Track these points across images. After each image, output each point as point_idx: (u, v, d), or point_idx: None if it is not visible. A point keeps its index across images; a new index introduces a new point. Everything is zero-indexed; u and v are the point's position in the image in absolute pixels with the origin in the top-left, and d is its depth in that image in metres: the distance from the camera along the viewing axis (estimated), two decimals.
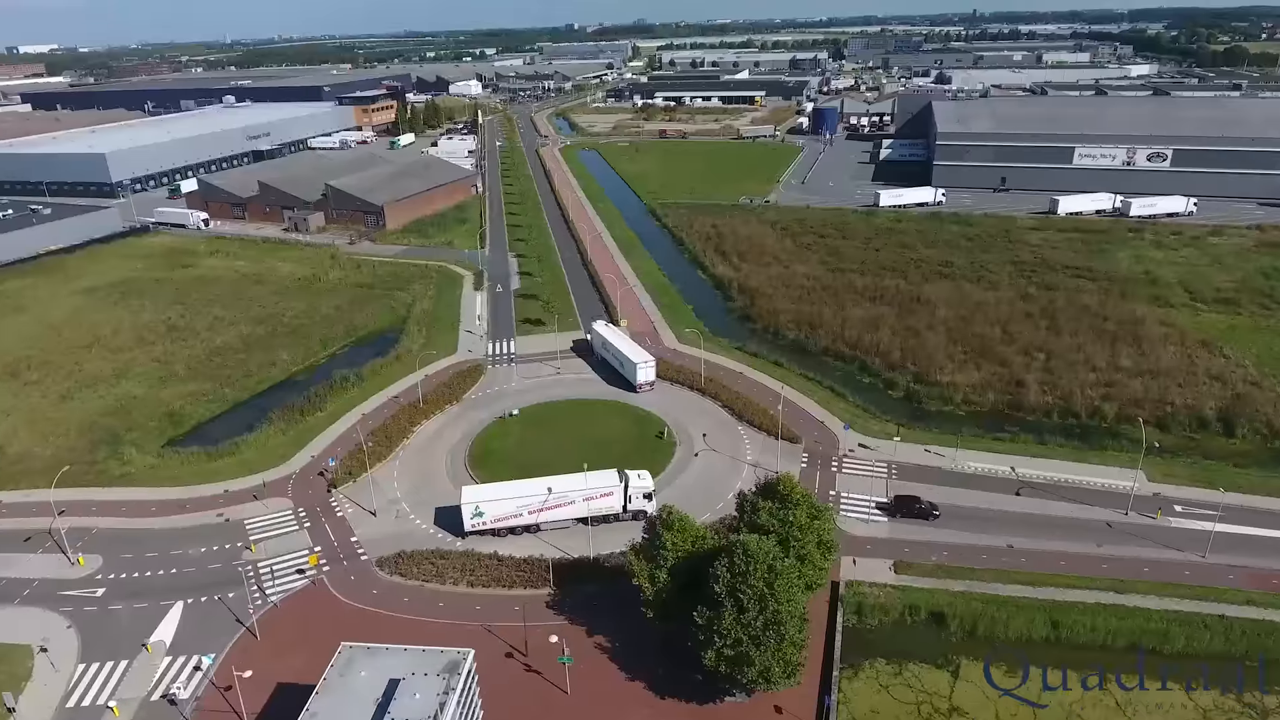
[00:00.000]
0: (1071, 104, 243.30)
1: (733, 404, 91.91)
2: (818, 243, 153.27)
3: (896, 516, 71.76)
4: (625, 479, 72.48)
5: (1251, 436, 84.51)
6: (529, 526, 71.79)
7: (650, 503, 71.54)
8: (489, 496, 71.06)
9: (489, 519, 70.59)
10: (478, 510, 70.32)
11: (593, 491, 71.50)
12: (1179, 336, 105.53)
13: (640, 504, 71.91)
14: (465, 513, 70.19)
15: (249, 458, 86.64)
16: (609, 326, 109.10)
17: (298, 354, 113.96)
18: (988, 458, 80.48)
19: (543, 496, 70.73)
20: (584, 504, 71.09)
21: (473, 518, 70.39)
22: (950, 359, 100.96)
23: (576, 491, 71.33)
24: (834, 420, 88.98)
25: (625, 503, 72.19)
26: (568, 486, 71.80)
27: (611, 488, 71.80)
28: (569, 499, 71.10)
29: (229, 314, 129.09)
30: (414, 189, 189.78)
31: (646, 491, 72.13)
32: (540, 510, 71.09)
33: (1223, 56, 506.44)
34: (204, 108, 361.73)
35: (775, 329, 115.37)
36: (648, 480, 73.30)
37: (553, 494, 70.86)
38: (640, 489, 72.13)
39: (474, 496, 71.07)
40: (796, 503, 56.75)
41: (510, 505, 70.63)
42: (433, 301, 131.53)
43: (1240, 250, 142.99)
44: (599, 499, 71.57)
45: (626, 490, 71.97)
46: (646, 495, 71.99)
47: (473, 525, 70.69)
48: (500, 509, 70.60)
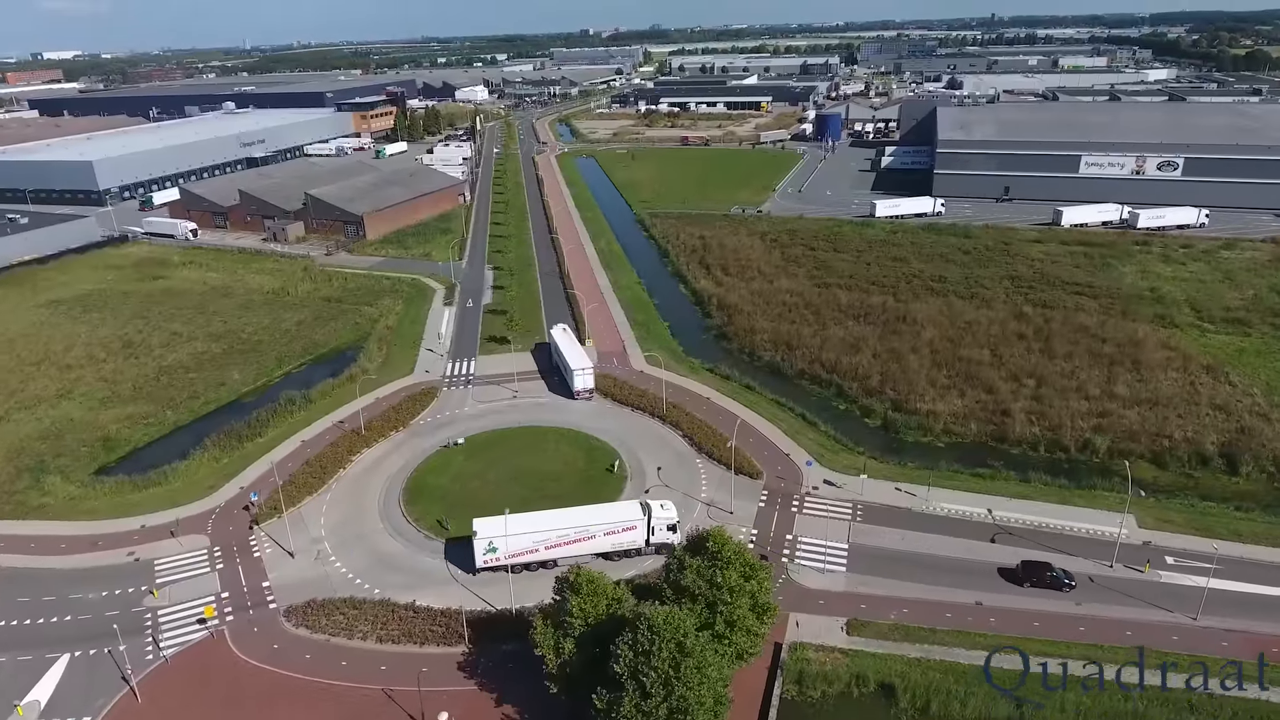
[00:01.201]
0: (1081, 110, 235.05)
1: (694, 433, 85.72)
2: (806, 255, 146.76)
3: (1025, 585, 62.33)
4: (648, 510, 67.17)
5: (1257, 475, 77.26)
6: (545, 563, 66.44)
7: (675, 535, 66.02)
8: (503, 531, 65.28)
9: (503, 555, 65.18)
10: (491, 545, 65.12)
11: (614, 525, 66.27)
12: (1181, 361, 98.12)
13: (664, 536, 66.48)
14: (478, 548, 65.15)
15: (175, 489, 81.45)
16: (565, 332, 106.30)
17: (249, 373, 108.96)
18: (963, 498, 73.77)
19: (561, 531, 65.75)
20: (605, 538, 65.40)
21: (486, 553, 65.24)
22: (932, 385, 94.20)
23: (597, 525, 66.12)
24: (800, 452, 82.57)
25: (648, 535, 66.55)
26: (588, 520, 66.75)
27: (634, 521, 66.55)
28: (589, 533, 65.79)
29: (188, 329, 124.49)
30: (397, 198, 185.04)
31: (670, 523, 66.61)
32: (558, 545, 65.88)
33: (1244, 61, 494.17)
34: (205, 114, 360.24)
35: (751, 349, 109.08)
36: (671, 511, 67.85)
37: (573, 529, 65.86)
38: (663, 520, 66.64)
39: (487, 530, 65.60)
40: (728, 561, 50.60)
41: (526, 540, 65.42)
42: (399, 317, 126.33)
43: (1253, 265, 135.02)
44: (621, 533, 66.11)
45: (649, 523, 66.29)
46: (670, 527, 66.46)
47: (485, 561, 65.52)
48: (515, 544, 65.29)
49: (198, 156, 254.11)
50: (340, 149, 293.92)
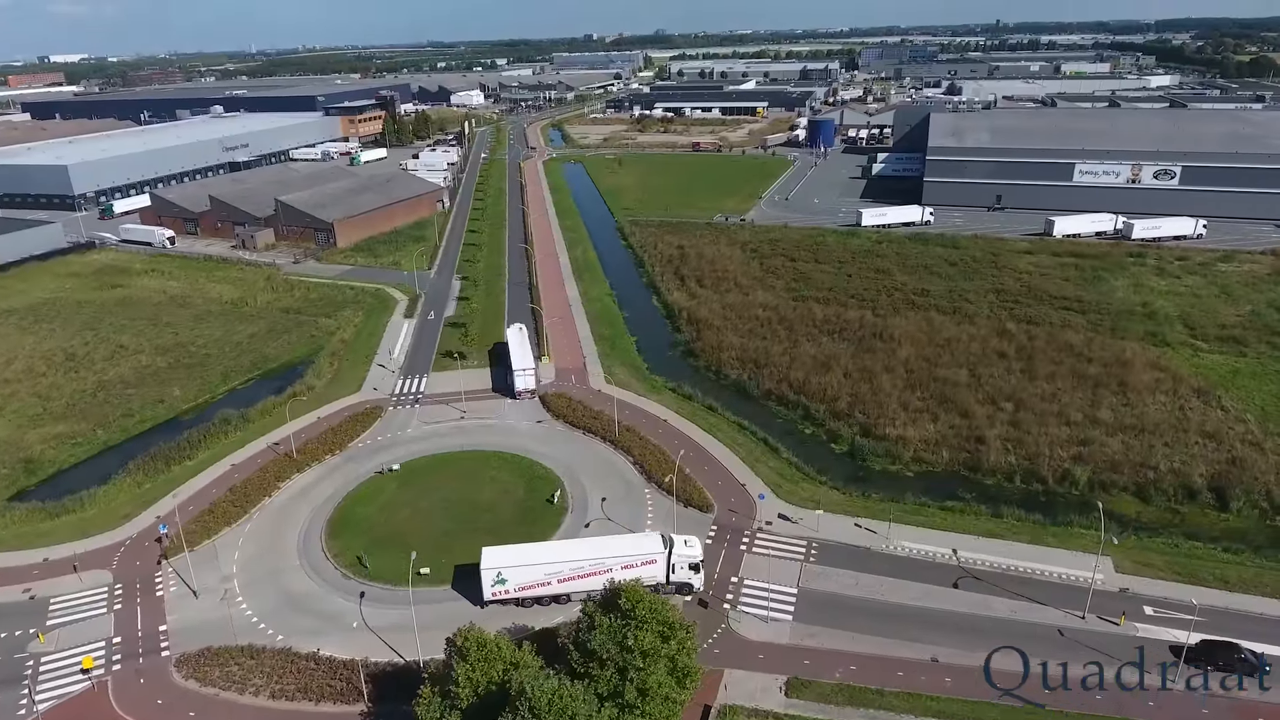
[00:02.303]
0: (1077, 116, 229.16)
1: (645, 460, 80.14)
2: (786, 267, 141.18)
3: (1207, 670, 52.47)
4: (670, 545, 62.27)
5: (1248, 512, 71.40)
6: (558, 597, 61.71)
7: (697, 575, 61.52)
8: (513, 561, 61.21)
9: (512, 587, 60.97)
10: (499, 577, 60.71)
11: (632, 558, 61.35)
12: (1171, 383, 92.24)
13: (685, 575, 61.47)
14: (485, 579, 60.79)
15: (90, 517, 76.21)
16: (520, 331, 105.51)
17: (191, 389, 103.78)
18: (927, 536, 68.06)
19: (575, 563, 61.08)
20: (622, 572, 59.91)
21: (494, 585, 60.84)
22: (904, 408, 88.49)
23: (614, 558, 61.16)
24: (757, 482, 76.96)
25: (669, 572, 61.36)
26: (604, 552, 62.09)
27: (654, 554, 61.66)
28: (604, 566, 60.73)
29: (136, 342, 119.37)
30: (370, 205, 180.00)
31: (693, 561, 61.56)
32: (572, 578, 61.16)
33: (1248, 67, 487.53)
34: (193, 118, 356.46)
35: (717, 367, 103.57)
36: (696, 549, 62.60)
37: (588, 561, 61.06)
38: (685, 558, 61.45)
39: (495, 560, 61.16)
40: (642, 620, 45.09)
41: (538, 572, 60.99)
42: (356, 330, 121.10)
43: (1252, 279, 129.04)
44: (640, 567, 60.82)
45: (670, 559, 61.31)
46: (693, 566, 61.48)
47: (494, 594, 61.17)
48: (526, 575, 60.98)
49: (178, 161, 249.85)
50: (326, 154, 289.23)
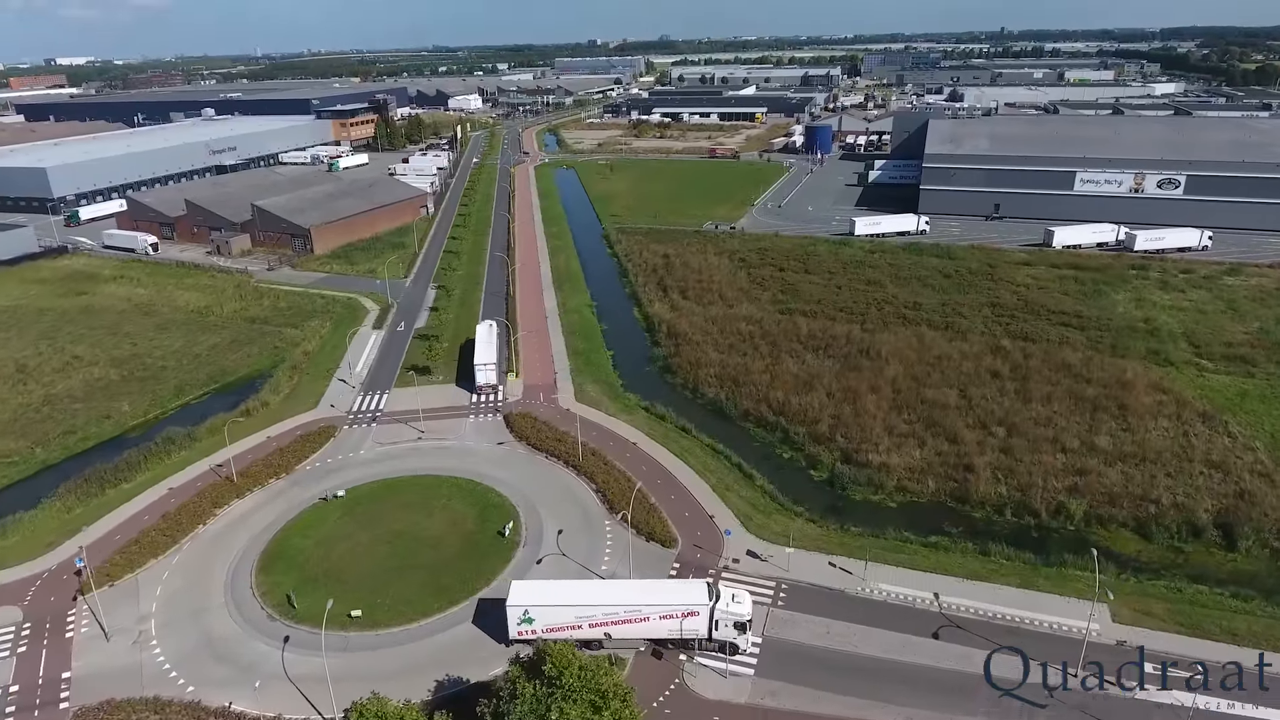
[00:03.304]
0: (1079, 124, 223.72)
1: (608, 488, 74.69)
2: (774, 278, 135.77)
3: None
4: (715, 597, 55.55)
5: (1257, 551, 65.71)
6: (589, 642, 55.84)
7: (743, 635, 54.73)
8: (542, 600, 56.20)
9: (540, 627, 55.76)
10: (526, 615, 55.61)
11: (672, 608, 54.99)
12: (1175, 406, 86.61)
13: (728, 634, 54.68)
14: (511, 617, 55.85)
15: (9, 545, 70.97)
16: (490, 328, 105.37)
17: (142, 404, 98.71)
18: (907, 578, 62.49)
19: (608, 607, 55.32)
20: (661, 623, 54.72)
21: (520, 624, 55.86)
22: (889, 432, 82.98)
23: (652, 606, 55.16)
24: (728, 513, 71.49)
25: (711, 628, 54.97)
26: (642, 598, 56.01)
27: (697, 606, 54.92)
28: (641, 614, 54.99)
29: (92, 352, 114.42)
30: (350, 210, 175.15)
31: (739, 620, 54.43)
32: (604, 624, 55.48)
33: (1254, 75, 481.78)
34: (184, 121, 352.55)
35: (695, 385, 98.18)
36: (744, 606, 55.28)
37: (623, 606, 55.24)
38: (731, 615, 54.45)
39: (523, 598, 56.28)
40: (570, 690, 39.70)
41: (568, 613, 55.50)
42: (321, 342, 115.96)
43: (1260, 294, 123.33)
44: (681, 619, 54.71)
45: (714, 613, 54.72)
46: (739, 625, 54.42)
47: (519, 633, 56.13)
48: (554, 616, 55.67)
49: (162, 164, 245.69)
50: (316, 158, 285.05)
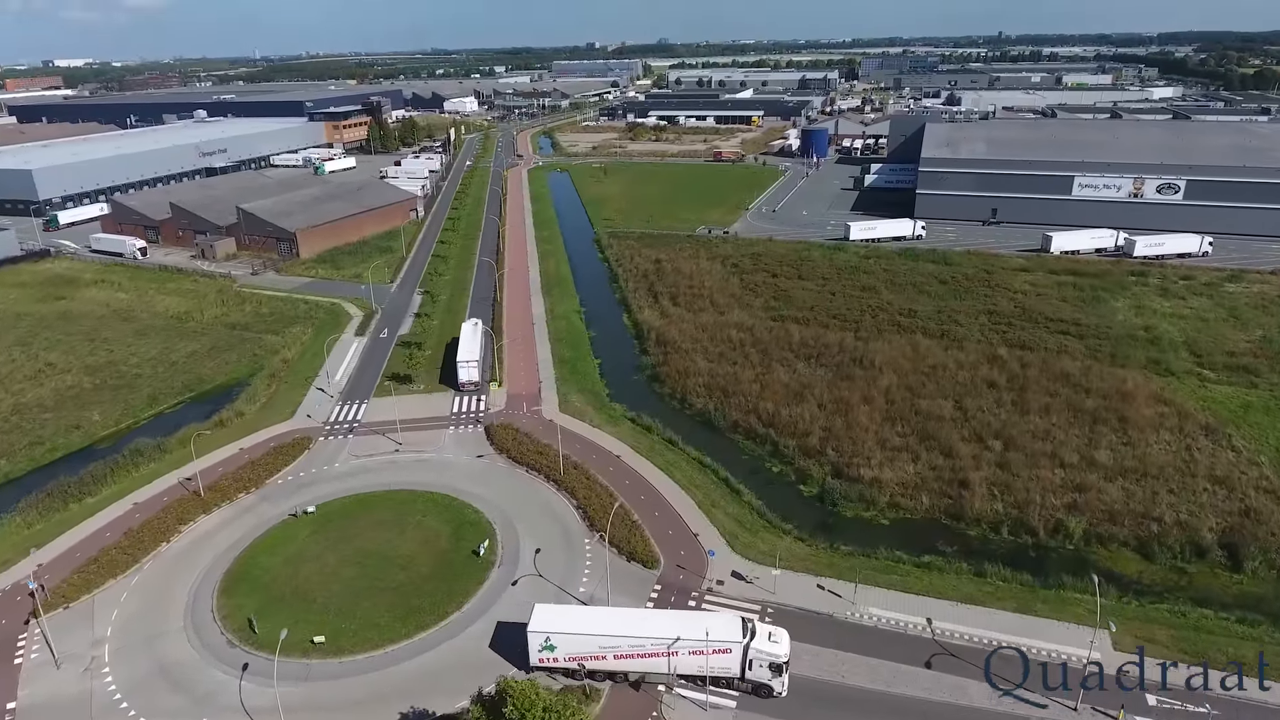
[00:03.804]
0: (1077, 128, 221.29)
1: (590, 504, 71.86)
2: (767, 284, 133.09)
3: None
4: (750, 634, 52.02)
5: (1264, 573, 63.03)
6: (614, 674, 53.24)
7: (779, 678, 51.32)
8: (565, 627, 53.40)
9: (561, 655, 53.19)
10: (549, 642, 53.10)
11: (704, 643, 51.39)
12: (1176, 419, 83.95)
13: (763, 675, 51.37)
14: (532, 643, 53.31)
15: None
16: (475, 327, 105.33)
17: (114, 413, 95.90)
18: (899, 601, 59.75)
19: (635, 639, 52.10)
20: (690, 658, 51.41)
21: (541, 650, 53.34)
22: (881, 445, 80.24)
23: (681, 640, 51.58)
24: (713, 531, 68.72)
25: (744, 667, 51.64)
26: (671, 630, 52.34)
27: (729, 643, 51.37)
28: (670, 647, 51.69)
29: (66, 359, 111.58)
30: (337, 214, 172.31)
31: (775, 661, 51.10)
32: (631, 656, 52.43)
33: (1252, 80, 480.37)
34: (176, 122, 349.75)
35: (683, 395, 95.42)
36: (781, 646, 51.71)
37: (650, 639, 51.98)
38: (766, 656, 51.11)
39: (546, 623, 53.63)
40: None
41: (590, 642, 52.62)
42: (302, 349, 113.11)
43: (1262, 301, 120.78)
44: (712, 655, 51.32)
45: (747, 651, 51.34)
46: (774, 666, 51.15)
47: (541, 660, 53.64)
48: (577, 645, 52.86)
49: (151, 166, 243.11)
50: (308, 160, 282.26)
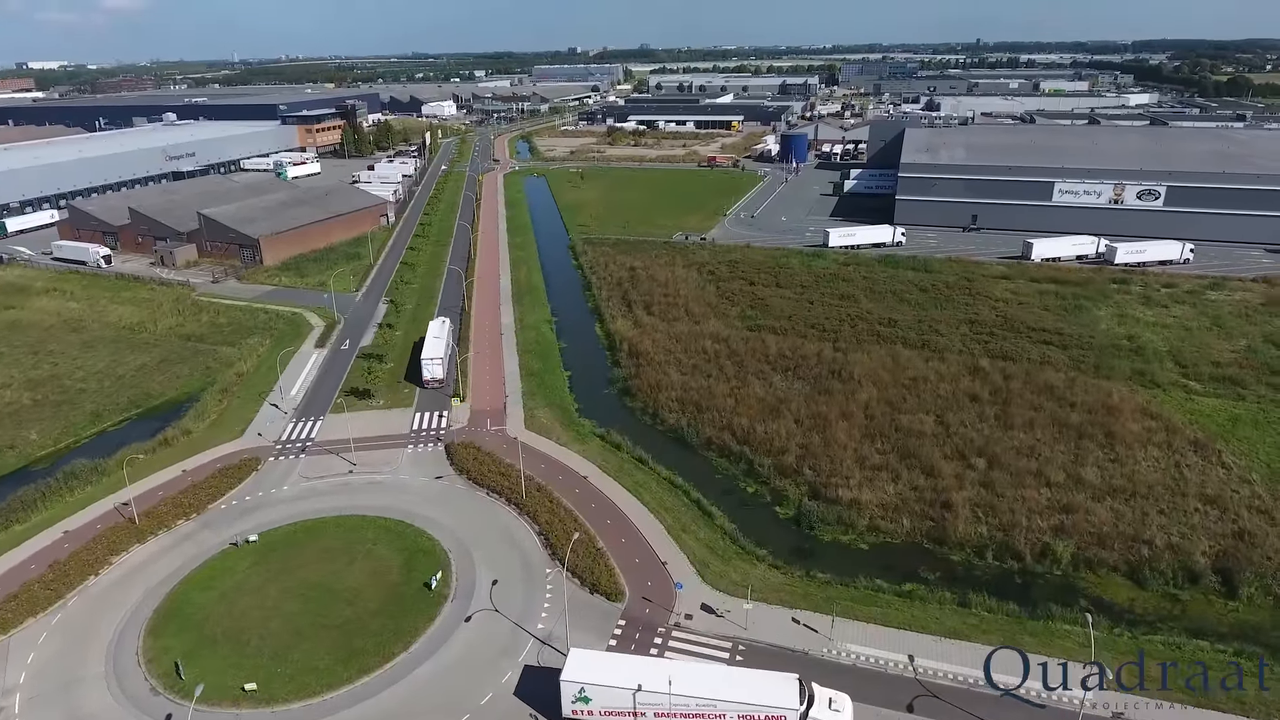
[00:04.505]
0: (1057, 134, 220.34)
1: (552, 530, 67.69)
2: (744, 292, 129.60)
3: None
4: (809, 698, 47.69)
5: (1260, 599, 59.83)
6: None
7: None
8: (602, 678, 48.84)
9: (597, 708, 48.91)
10: (583, 694, 48.68)
11: (754, 707, 46.97)
12: (1164, 434, 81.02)
13: None
14: (565, 692, 48.97)
15: None
16: (443, 324, 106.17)
17: (53, 432, 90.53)
18: (879, 636, 56.02)
19: (680, 697, 47.37)
20: None
21: (575, 702, 49.04)
22: (860, 464, 76.64)
23: (731, 702, 47.19)
24: (682, 559, 64.76)
25: None
26: (720, 690, 47.78)
27: (784, 709, 46.89)
28: (717, 710, 47.11)
29: (7, 373, 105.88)
30: (303, 219, 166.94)
31: None
32: (673, 716, 47.72)
33: (1225, 87, 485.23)
34: (144, 126, 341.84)
35: (655, 409, 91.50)
36: (845, 714, 47.56)
37: (696, 698, 47.31)
38: None
39: (581, 672, 49.21)
40: None
41: (626, 697, 48.16)
42: (258, 361, 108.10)
43: (1245, 309, 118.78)
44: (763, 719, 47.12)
45: (807, 717, 47.01)
46: None
47: (574, 711, 49.30)
48: (614, 699, 48.44)
49: (115, 170, 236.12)
50: (279, 164, 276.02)
